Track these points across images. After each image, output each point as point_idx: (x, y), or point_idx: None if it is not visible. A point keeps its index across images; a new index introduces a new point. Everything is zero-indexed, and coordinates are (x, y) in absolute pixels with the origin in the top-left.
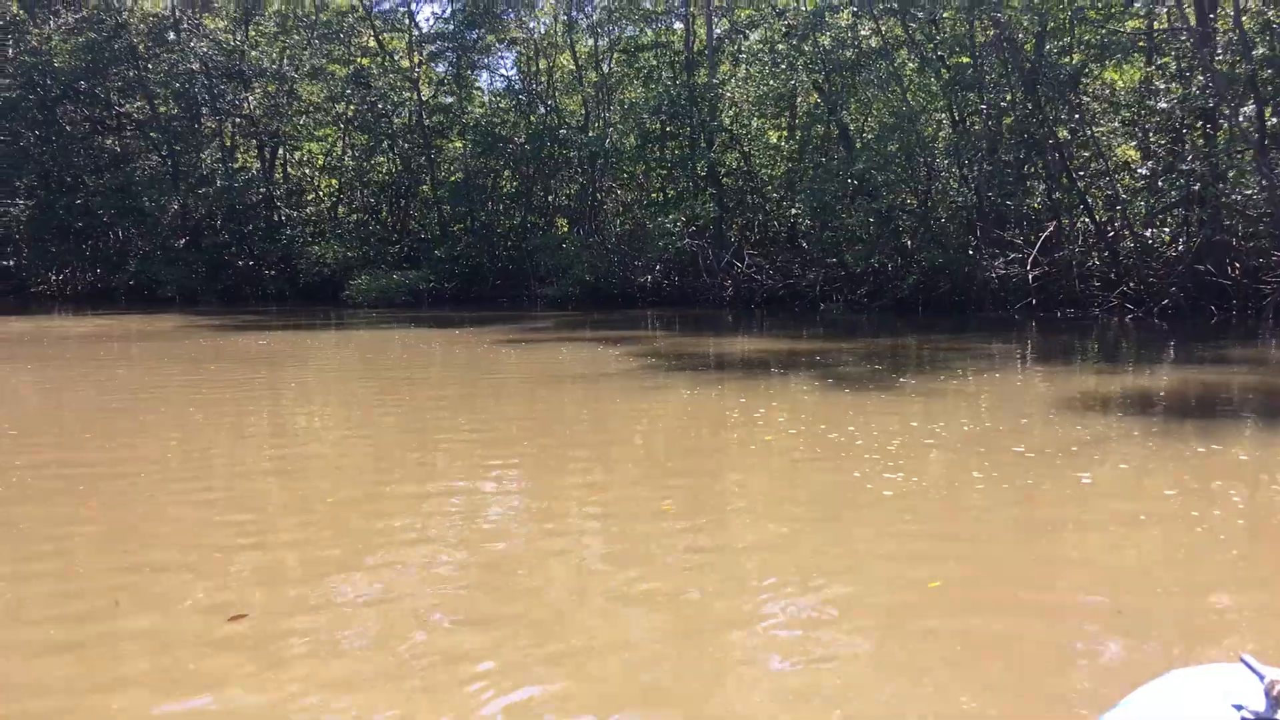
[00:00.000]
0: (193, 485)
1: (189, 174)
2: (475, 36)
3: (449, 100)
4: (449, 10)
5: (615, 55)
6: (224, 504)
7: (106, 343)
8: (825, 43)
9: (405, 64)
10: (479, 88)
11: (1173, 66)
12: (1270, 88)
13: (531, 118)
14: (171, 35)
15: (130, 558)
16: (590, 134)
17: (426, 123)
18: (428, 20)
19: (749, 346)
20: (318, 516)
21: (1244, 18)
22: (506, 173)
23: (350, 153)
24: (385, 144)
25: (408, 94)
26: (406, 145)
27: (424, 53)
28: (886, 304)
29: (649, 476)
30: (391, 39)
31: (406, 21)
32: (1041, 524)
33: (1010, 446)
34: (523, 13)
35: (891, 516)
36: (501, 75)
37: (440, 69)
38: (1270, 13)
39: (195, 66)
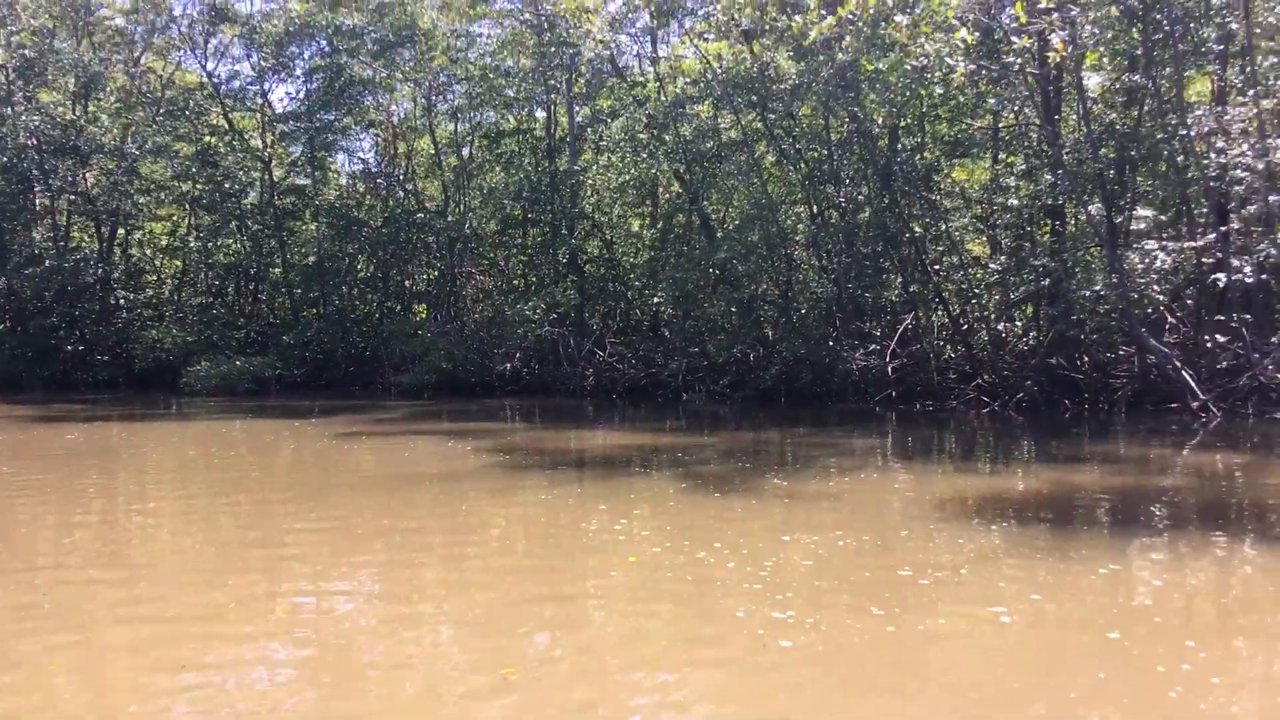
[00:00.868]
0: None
1: (17, 253)
2: (332, 118)
3: (303, 181)
4: (304, 91)
5: (476, 140)
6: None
7: None
8: (686, 133)
9: (256, 144)
10: (335, 169)
11: (1020, 165)
12: (1116, 186)
13: (389, 201)
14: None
15: None
16: (450, 218)
17: (278, 204)
18: (281, 100)
19: (610, 440)
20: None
21: (1090, 119)
22: (362, 256)
23: (195, 233)
24: (233, 224)
25: (257, 174)
26: (256, 226)
27: (276, 132)
28: (749, 394)
29: (485, 640)
30: (242, 118)
31: (259, 100)
32: (994, 690)
33: (897, 567)
34: (381, 95)
35: (800, 680)
36: (359, 157)
37: (295, 150)
38: (1112, 115)
39: (27, 141)
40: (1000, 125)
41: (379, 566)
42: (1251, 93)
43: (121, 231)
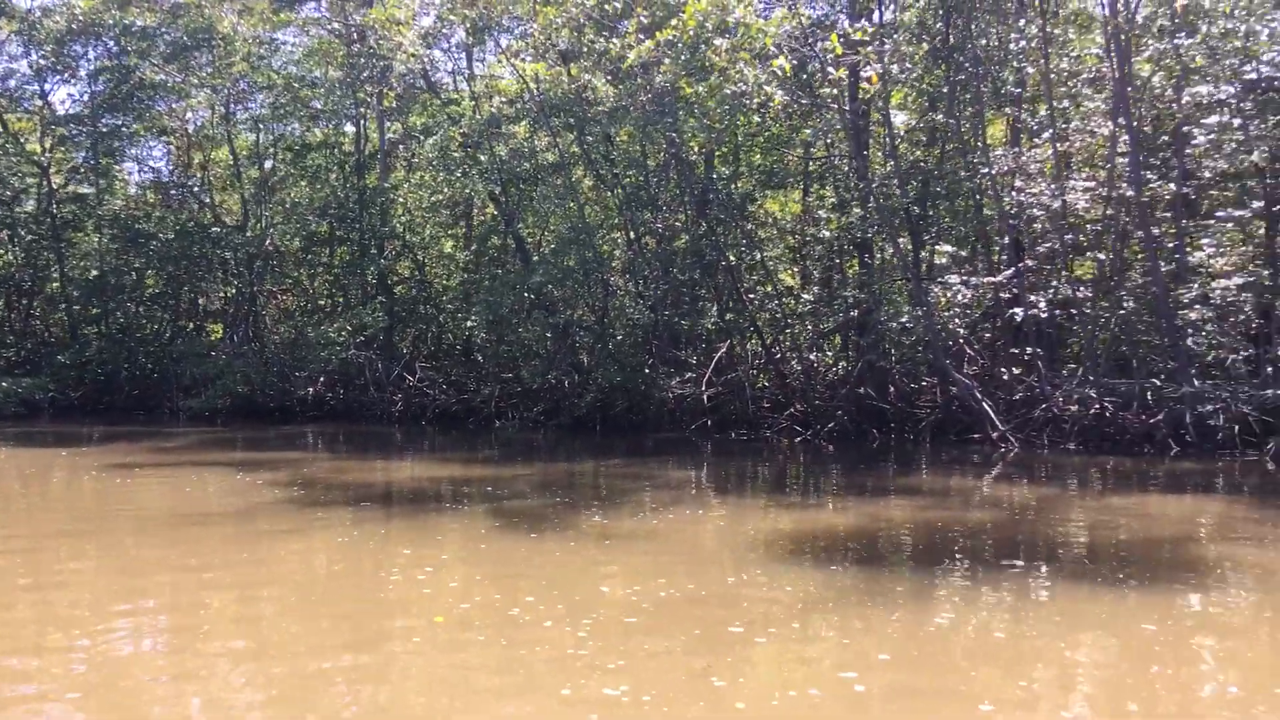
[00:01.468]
0: None
1: None
2: (119, 123)
3: (86, 190)
4: (88, 93)
5: (279, 152)
6: None
7: None
8: (501, 153)
9: (35, 147)
10: (123, 178)
11: (831, 198)
12: (921, 221)
13: (182, 213)
14: None
15: None
16: (249, 233)
17: (57, 213)
18: (64, 102)
19: (419, 471)
20: None
21: (896, 156)
22: (151, 271)
23: None
24: (5, 234)
25: (32, 180)
26: (30, 237)
27: (55, 136)
28: (563, 422)
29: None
30: (18, 119)
31: (38, 102)
32: None
33: (729, 621)
34: (174, 101)
35: None
36: (149, 166)
37: (78, 156)
38: (917, 153)
39: None
40: (812, 157)
41: (145, 634)
42: (1047, 134)
43: None
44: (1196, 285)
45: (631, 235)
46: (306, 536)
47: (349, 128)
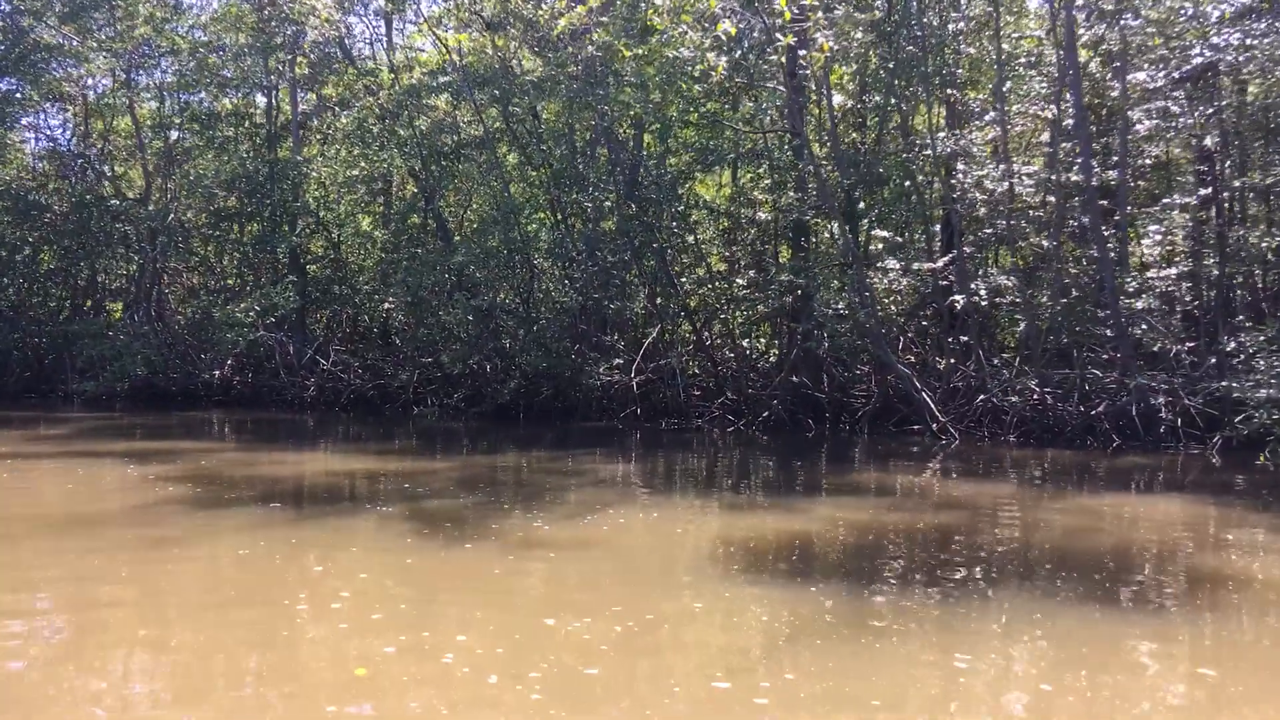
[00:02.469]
0: None
1: None
2: (12, 88)
3: None
4: None
5: (185, 122)
6: None
7: None
8: (422, 126)
9: None
10: (17, 146)
11: (766, 179)
12: (861, 205)
13: (78, 184)
14: None
15: None
16: (151, 207)
17: None
18: None
19: (333, 464)
20: None
21: (836, 137)
22: (46, 247)
23: None
24: None
25: None
26: None
27: None
28: (485, 409)
29: None
30: None
31: None
32: None
33: (707, 668)
34: (71, 66)
35: None
36: (46, 135)
37: None
38: (854, 134)
39: None
40: (746, 136)
41: None
42: (989, 116)
43: None
44: (1135, 275)
45: (558, 215)
46: (201, 546)
47: (260, 98)
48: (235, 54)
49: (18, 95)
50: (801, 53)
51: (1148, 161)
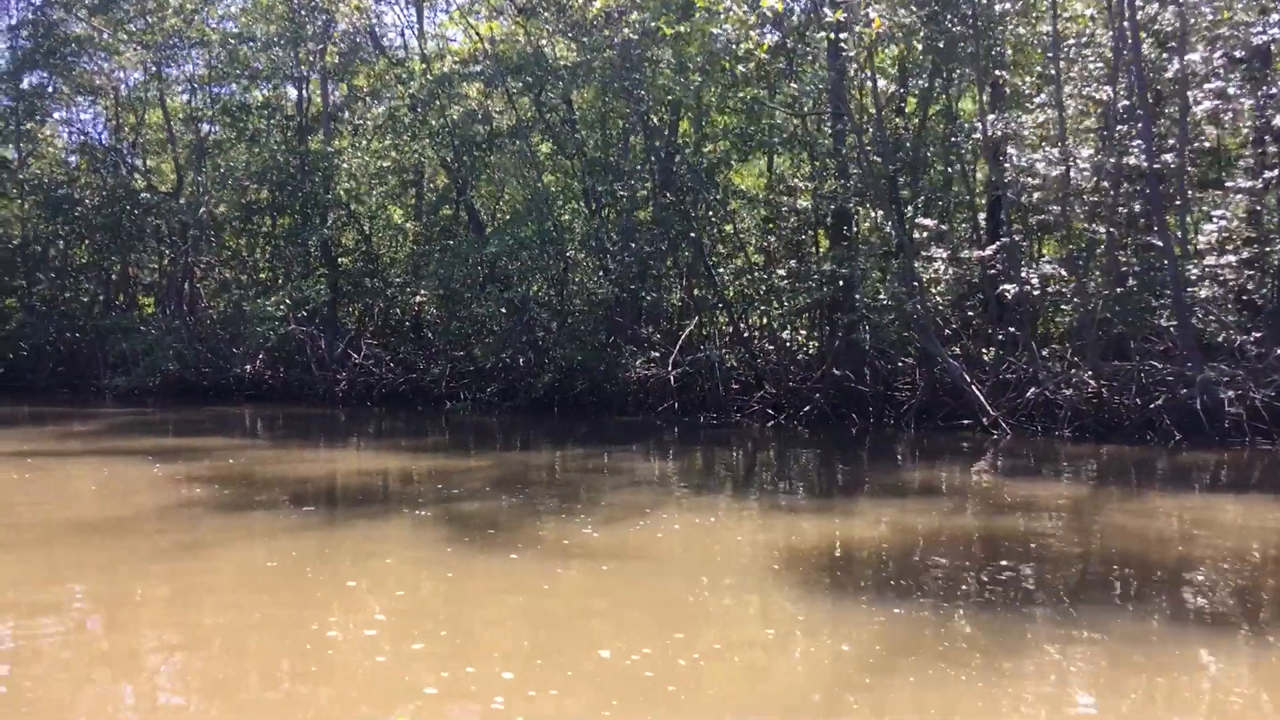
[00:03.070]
0: None
1: None
2: (44, 81)
3: (11, 154)
4: (10, 50)
5: (216, 114)
6: None
7: None
8: (454, 116)
9: None
10: (50, 141)
11: (806, 167)
12: (906, 191)
13: (110, 178)
14: None
15: None
16: (182, 201)
17: None
18: None
19: (364, 462)
20: None
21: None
22: (78, 241)
23: None
24: None
25: None
26: None
27: None
28: (519, 404)
29: None
30: None
31: None
32: None
33: (804, 715)
34: (102, 59)
35: None
36: (78, 129)
37: None
38: (897, 120)
39: None
40: (784, 121)
41: None
42: (1040, 98)
43: None
44: (1194, 262)
45: (592, 205)
46: (228, 555)
47: (291, 90)
48: (265, 44)
49: (49, 89)
50: (844, 36)
51: (1207, 144)
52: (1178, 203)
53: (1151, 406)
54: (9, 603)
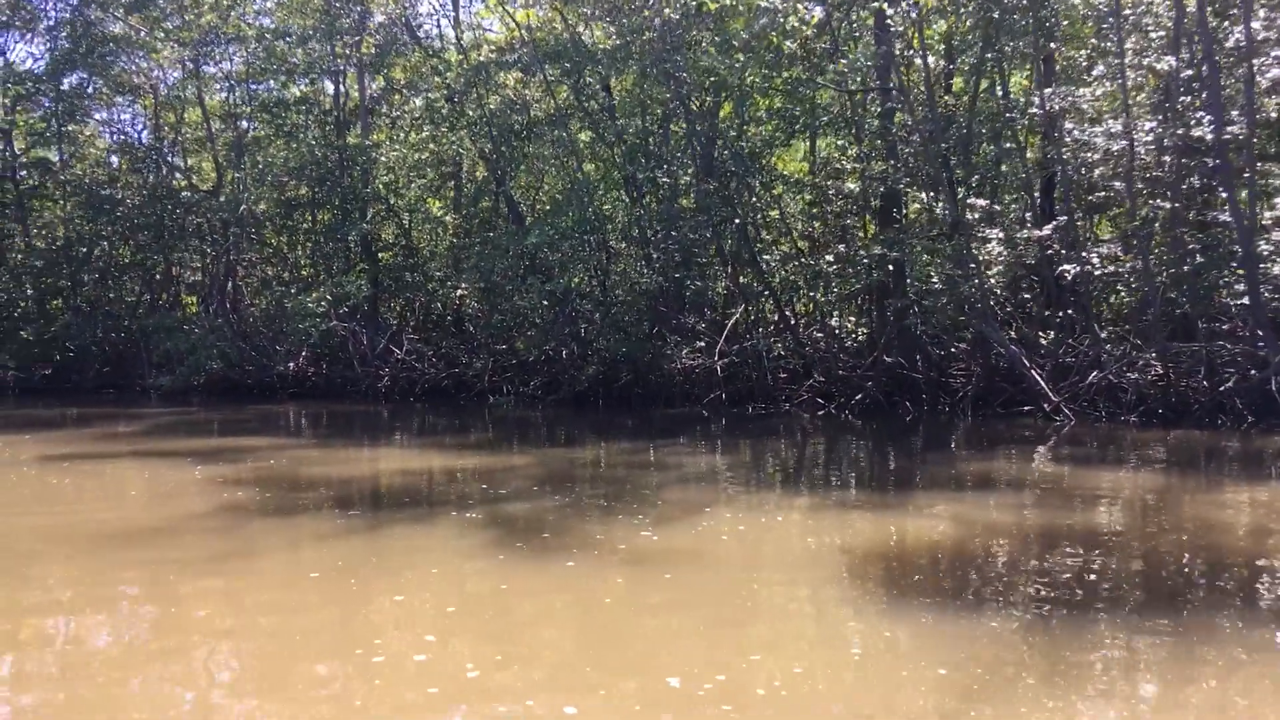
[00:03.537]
0: None
1: None
2: (83, 81)
3: (51, 155)
4: (50, 50)
5: (255, 111)
6: None
7: None
8: (491, 105)
9: None
10: (92, 141)
11: (852, 149)
12: (959, 171)
13: (151, 177)
14: None
15: None
16: (223, 198)
17: (20, 180)
18: (24, 61)
19: (405, 462)
20: None
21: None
22: (121, 240)
23: None
24: None
25: None
26: None
27: (10, 96)
28: (563, 397)
29: None
30: None
31: None
32: None
33: None
34: (140, 58)
35: None
36: (118, 129)
37: (40, 117)
38: (947, 97)
39: None
40: (831, 101)
41: None
42: (1099, 68)
43: None
44: (1266, 238)
45: (633, 193)
46: (271, 566)
47: (328, 84)
48: (301, 39)
49: (89, 89)
50: (890, 11)
51: (1273, 115)
52: (1245, 175)
53: (1222, 389)
54: (60, 602)
